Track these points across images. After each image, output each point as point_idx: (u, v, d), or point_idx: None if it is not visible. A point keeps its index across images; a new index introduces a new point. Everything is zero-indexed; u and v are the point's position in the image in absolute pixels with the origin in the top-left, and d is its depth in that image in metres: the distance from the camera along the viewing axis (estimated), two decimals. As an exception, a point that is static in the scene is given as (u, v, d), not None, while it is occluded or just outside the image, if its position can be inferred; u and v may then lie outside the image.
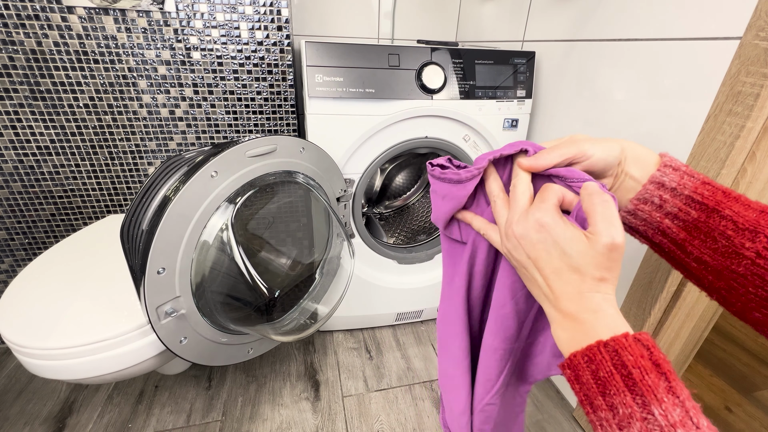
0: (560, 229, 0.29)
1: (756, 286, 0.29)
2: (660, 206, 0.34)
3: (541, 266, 0.30)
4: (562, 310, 0.29)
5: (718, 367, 1.21)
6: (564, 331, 0.29)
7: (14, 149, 0.95)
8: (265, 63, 1.00)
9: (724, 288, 0.31)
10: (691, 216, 0.33)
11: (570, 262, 0.29)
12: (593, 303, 0.28)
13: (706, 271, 0.32)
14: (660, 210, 0.34)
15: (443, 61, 0.92)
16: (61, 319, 0.68)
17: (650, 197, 0.34)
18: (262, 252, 0.95)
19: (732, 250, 0.30)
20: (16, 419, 0.94)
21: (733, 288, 0.31)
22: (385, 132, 0.94)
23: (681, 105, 0.67)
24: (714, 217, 0.32)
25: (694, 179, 0.33)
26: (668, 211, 0.34)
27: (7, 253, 1.06)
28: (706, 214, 0.32)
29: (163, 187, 0.70)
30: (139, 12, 0.89)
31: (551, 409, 1.01)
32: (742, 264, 0.30)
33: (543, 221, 0.30)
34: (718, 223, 0.31)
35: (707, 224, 0.32)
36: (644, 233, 0.36)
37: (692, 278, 0.35)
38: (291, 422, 0.95)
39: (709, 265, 0.32)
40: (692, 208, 0.33)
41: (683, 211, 0.33)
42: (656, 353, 0.25)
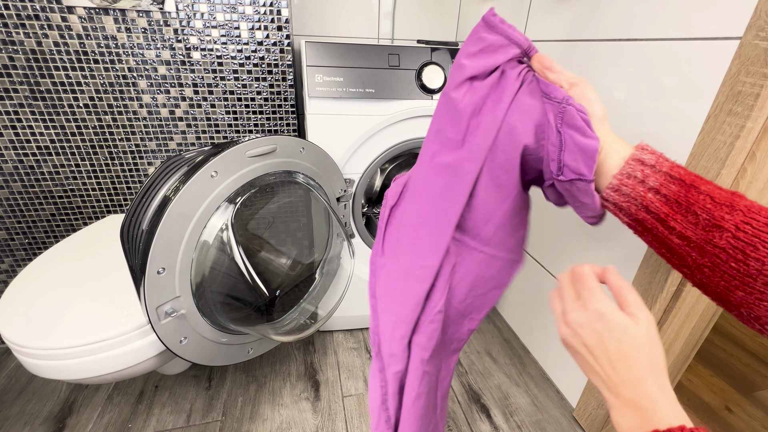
0: (616, 317, 0.31)
1: (738, 261, 0.30)
2: (642, 181, 0.35)
3: (597, 354, 0.31)
4: (621, 397, 0.30)
5: (718, 367, 1.21)
6: (624, 418, 0.29)
7: (14, 149, 0.95)
8: (265, 63, 1.00)
9: (708, 265, 0.32)
10: (672, 190, 0.34)
11: (624, 348, 0.30)
12: (651, 391, 0.29)
13: (689, 247, 0.33)
14: (643, 185, 0.35)
15: (443, 61, 0.92)
16: (61, 319, 0.68)
17: (633, 172, 0.36)
18: (262, 252, 0.95)
19: (713, 223, 0.32)
20: (16, 419, 0.94)
21: (717, 264, 0.32)
22: (385, 132, 0.94)
23: (681, 105, 0.67)
24: (692, 192, 0.33)
25: (669, 161, 0.36)
26: (651, 185, 0.35)
27: (7, 253, 1.06)
28: (686, 189, 0.33)
29: (163, 187, 0.70)
30: (139, 12, 0.89)
31: (551, 409, 1.01)
32: (723, 237, 0.31)
33: (601, 310, 0.31)
34: (697, 197, 0.33)
35: (687, 198, 0.33)
36: (628, 210, 0.37)
37: (675, 258, 0.36)
38: (291, 422, 0.95)
39: (692, 241, 0.33)
40: (672, 183, 0.34)
41: (664, 186, 0.34)
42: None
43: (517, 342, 1.23)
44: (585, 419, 0.95)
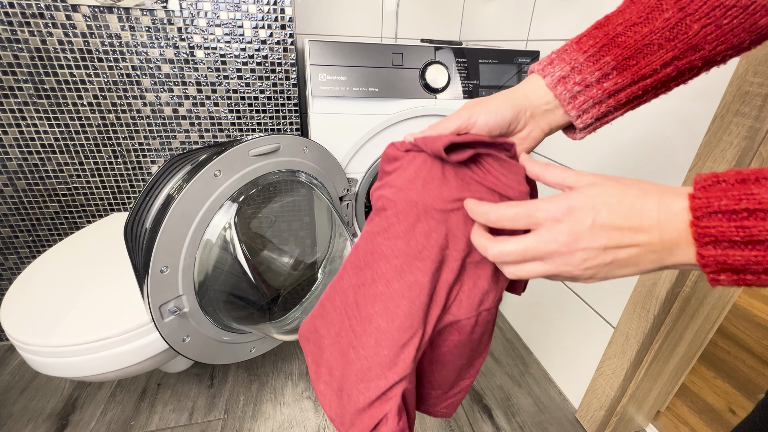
0: (581, 201, 0.26)
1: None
2: (586, 85, 0.34)
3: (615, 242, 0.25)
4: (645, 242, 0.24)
5: (722, 369, 1.20)
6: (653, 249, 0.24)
7: (18, 147, 0.95)
8: (269, 62, 1.00)
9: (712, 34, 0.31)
10: (609, 63, 0.33)
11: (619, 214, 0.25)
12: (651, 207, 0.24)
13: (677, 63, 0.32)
14: (589, 87, 0.34)
15: (447, 61, 0.91)
16: (64, 317, 0.68)
17: (571, 89, 0.34)
18: (264, 251, 0.95)
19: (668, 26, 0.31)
20: (20, 416, 0.94)
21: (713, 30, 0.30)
22: (388, 131, 0.94)
23: (687, 105, 0.67)
24: (616, 44, 0.32)
25: (575, 49, 0.34)
26: (594, 79, 0.33)
27: (11, 251, 1.06)
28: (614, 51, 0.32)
29: (167, 186, 0.70)
30: (143, 10, 0.89)
31: (553, 410, 1.01)
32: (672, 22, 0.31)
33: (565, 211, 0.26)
34: (634, 36, 0.32)
35: (629, 63, 0.32)
36: (605, 113, 0.36)
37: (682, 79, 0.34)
38: (293, 421, 0.95)
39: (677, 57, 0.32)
40: (601, 58, 0.33)
41: (601, 68, 0.33)
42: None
43: (520, 342, 1.22)
44: (587, 420, 0.94)
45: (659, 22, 0.31)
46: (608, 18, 0.34)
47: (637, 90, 0.33)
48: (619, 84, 0.33)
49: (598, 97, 0.34)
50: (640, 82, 0.33)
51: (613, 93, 0.34)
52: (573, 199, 0.26)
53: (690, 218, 0.22)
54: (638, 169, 0.77)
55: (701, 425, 1.01)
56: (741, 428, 0.42)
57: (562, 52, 0.35)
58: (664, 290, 0.73)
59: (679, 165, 0.69)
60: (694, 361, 0.94)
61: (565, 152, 0.96)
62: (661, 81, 0.33)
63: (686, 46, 0.31)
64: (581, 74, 0.34)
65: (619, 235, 0.25)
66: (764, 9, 0.29)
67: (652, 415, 1.00)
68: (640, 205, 0.24)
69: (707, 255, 0.22)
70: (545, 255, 0.27)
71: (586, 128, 0.37)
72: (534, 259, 0.27)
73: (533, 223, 0.27)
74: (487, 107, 0.36)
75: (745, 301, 1.55)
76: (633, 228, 0.24)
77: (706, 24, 0.30)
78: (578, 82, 0.34)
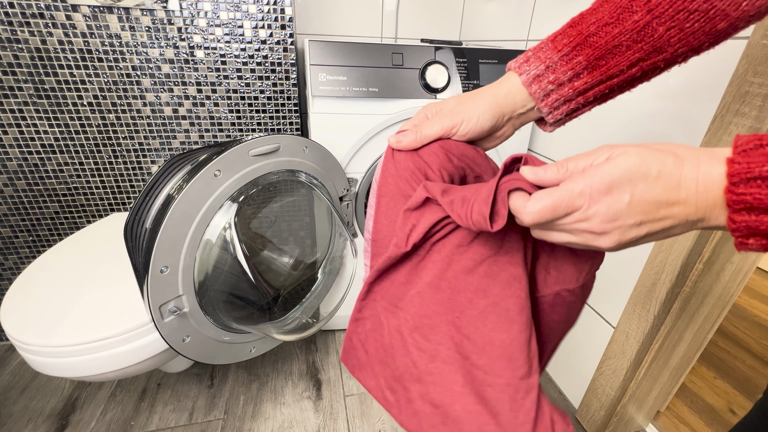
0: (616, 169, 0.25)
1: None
2: (559, 84, 0.35)
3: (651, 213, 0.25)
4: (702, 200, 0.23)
5: (722, 369, 1.20)
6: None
7: (18, 147, 0.95)
8: (269, 62, 1.00)
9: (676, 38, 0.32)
10: (580, 63, 0.34)
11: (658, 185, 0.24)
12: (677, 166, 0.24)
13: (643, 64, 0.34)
14: (561, 86, 0.35)
15: (447, 61, 0.91)
16: (64, 317, 0.68)
17: (545, 88, 0.36)
18: (264, 251, 0.95)
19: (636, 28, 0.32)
20: (20, 416, 0.94)
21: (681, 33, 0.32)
22: (388, 131, 0.94)
23: (687, 105, 0.67)
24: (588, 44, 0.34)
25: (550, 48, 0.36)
26: (566, 79, 0.35)
27: (11, 251, 1.06)
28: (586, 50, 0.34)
29: (167, 186, 0.70)
30: (143, 10, 0.89)
31: (553, 410, 1.00)
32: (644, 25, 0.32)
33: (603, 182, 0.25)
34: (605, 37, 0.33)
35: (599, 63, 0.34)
36: (574, 110, 0.37)
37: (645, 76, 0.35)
38: (293, 421, 0.96)
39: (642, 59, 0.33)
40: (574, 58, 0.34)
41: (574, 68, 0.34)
42: None
43: (520, 342, 1.22)
44: (587, 420, 0.94)
45: (629, 23, 0.32)
46: (582, 16, 0.35)
47: (604, 89, 0.35)
48: (588, 83, 0.35)
49: (569, 96, 0.36)
50: (607, 82, 0.35)
51: (583, 92, 0.35)
52: (609, 174, 0.25)
53: (726, 184, 0.22)
54: (638, 169, 0.77)
55: (701, 425, 1.01)
56: (739, 428, 0.42)
57: (537, 50, 0.37)
58: (664, 290, 0.73)
59: (679, 165, 0.69)
60: (694, 361, 0.94)
61: (566, 152, 0.96)
62: (626, 80, 0.35)
63: (651, 48, 0.33)
64: (555, 73, 0.35)
65: (656, 209, 0.24)
66: (723, 14, 0.31)
67: (652, 415, 1.00)
68: (678, 174, 0.23)
69: (739, 220, 0.22)
70: (578, 231, 0.27)
71: (556, 123, 0.39)
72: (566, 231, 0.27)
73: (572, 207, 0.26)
74: (470, 115, 0.38)
75: (745, 301, 1.55)
76: (671, 201, 0.24)
77: (670, 27, 0.32)
78: (552, 81, 0.35)
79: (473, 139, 0.39)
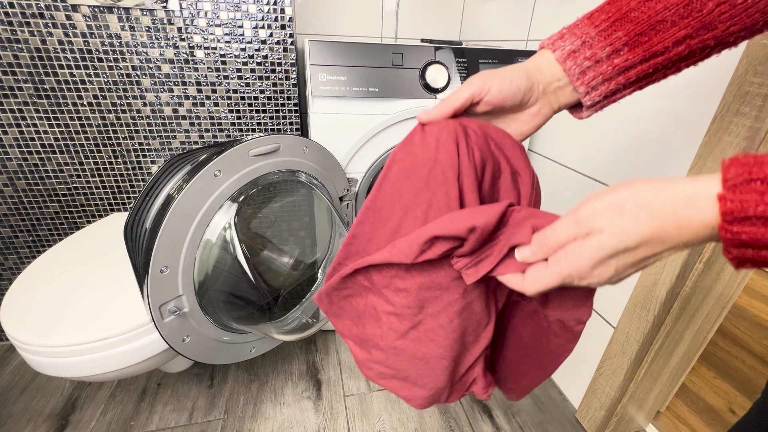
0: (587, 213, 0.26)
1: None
2: (597, 60, 0.33)
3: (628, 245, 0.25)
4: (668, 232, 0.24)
5: (722, 369, 1.20)
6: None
7: (18, 147, 0.95)
8: (269, 62, 0.99)
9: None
10: (620, 39, 0.32)
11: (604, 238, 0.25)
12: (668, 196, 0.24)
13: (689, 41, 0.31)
14: (599, 63, 0.33)
15: (447, 61, 0.91)
16: (64, 317, 0.68)
17: (581, 64, 0.33)
18: (264, 251, 0.95)
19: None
20: (20, 416, 0.94)
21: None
22: (388, 131, 0.94)
23: (687, 105, 0.67)
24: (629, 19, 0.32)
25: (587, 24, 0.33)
26: (604, 55, 0.33)
27: (11, 251, 1.06)
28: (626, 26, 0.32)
29: (167, 186, 0.70)
30: (143, 10, 0.89)
31: (554, 410, 1.00)
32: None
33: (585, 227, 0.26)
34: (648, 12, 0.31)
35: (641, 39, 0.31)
36: (614, 91, 0.35)
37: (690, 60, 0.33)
38: (293, 421, 0.95)
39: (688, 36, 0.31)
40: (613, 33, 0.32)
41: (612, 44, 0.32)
42: None
43: (520, 342, 1.22)
44: (587, 421, 0.94)
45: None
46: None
47: (647, 68, 0.33)
48: (629, 61, 0.32)
49: (608, 74, 0.33)
50: (650, 60, 0.32)
51: (624, 70, 0.33)
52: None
53: (720, 221, 0.21)
54: (638, 169, 0.77)
55: (701, 425, 1.01)
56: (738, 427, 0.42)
57: (573, 27, 0.34)
58: (664, 290, 0.73)
59: (680, 165, 0.69)
60: (694, 361, 0.94)
61: (567, 152, 0.96)
62: (671, 60, 0.32)
63: (700, 24, 0.30)
64: (591, 49, 0.33)
65: (642, 261, 0.25)
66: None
67: (652, 415, 1.00)
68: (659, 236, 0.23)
69: (736, 252, 0.22)
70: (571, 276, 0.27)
71: (594, 106, 0.36)
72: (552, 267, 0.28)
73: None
74: (501, 75, 0.34)
75: (745, 301, 1.55)
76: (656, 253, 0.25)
77: (720, 2, 0.30)
78: (588, 57, 0.33)
79: (507, 102, 0.35)
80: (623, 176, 0.80)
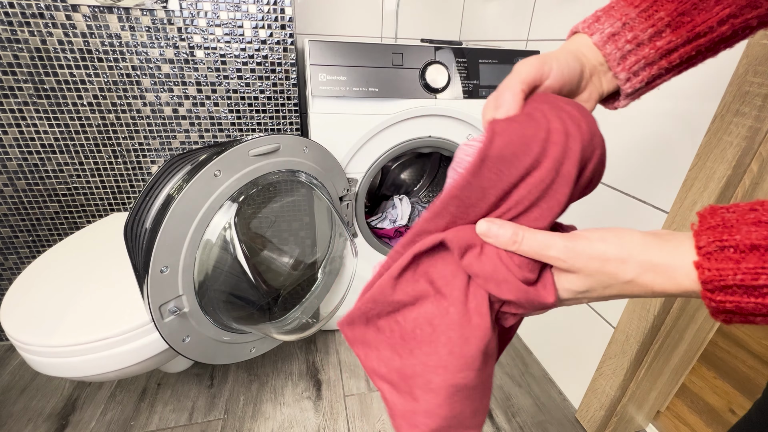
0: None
1: None
2: (639, 43, 0.30)
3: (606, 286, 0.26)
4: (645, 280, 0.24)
5: (722, 369, 1.20)
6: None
7: (18, 147, 0.95)
8: (269, 62, 0.99)
9: None
10: (662, 20, 0.30)
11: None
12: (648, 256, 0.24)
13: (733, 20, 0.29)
14: (641, 46, 0.31)
15: (447, 61, 0.91)
16: (64, 317, 0.68)
17: (622, 48, 0.31)
18: (264, 251, 0.95)
19: None
20: (20, 416, 0.94)
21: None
22: (388, 131, 0.94)
23: (687, 105, 0.67)
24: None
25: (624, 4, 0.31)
26: (646, 37, 0.30)
27: (11, 251, 1.06)
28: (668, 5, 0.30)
29: (167, 186, 0.70)
30: (143, 10, 0.89)
31: (553, 410, 1.00)
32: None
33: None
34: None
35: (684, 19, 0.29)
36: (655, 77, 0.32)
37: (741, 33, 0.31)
38: (293, 421, 0.95)
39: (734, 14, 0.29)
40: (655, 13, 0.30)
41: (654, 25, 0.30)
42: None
43: (520, 342, 1.22)
44: (587, 420, 0.94)
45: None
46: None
47: (690, 50, 0.30)
48: (672, 43, 0.30)
49: (651, 58, 0.31)
50: (694, 42, 0.30)
51: (666, 53, 0.31)
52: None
53: (701, 289, 0.21)
54: (639, 169, 0.77)
55: (701, 425, 1.01)
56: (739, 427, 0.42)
57: (608, 8, 0.32)
58: (664, 290, 0.73)
59: (680, 164, 0.69)
60: (694, 361, 0.94)
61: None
62: (714, 41, 0.30)
63: (745, 2, 0.29)
64: (633, 31, 0.30)
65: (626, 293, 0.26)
66: None
67: (652, 415, 1.00)
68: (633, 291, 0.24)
69: (723, 317, 0.22)
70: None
71: (633, 94, 0.33)
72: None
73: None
74: (557, 56, 0.31)
75: (745, 301, 1.55)
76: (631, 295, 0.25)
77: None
78: (630, 40, 0.31)
79: (566, 86, 0.32)
80: (623, 176, 0.80)
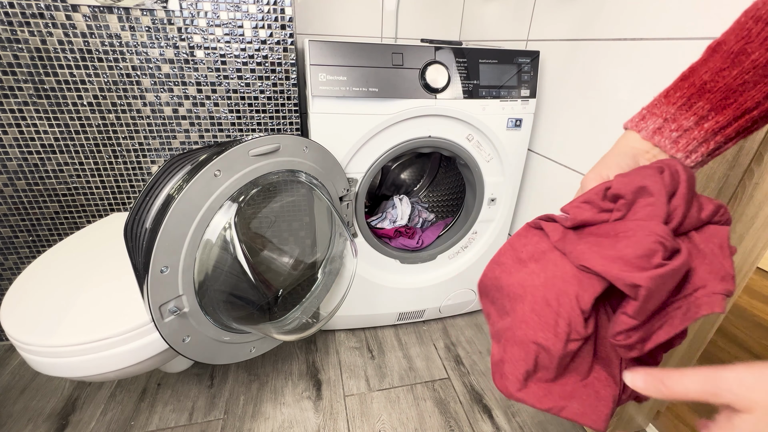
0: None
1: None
2: (685, 129, 0.34)
3: None
4: None
5: (721, 369, 1.20)
6: None
7: (18, 147, 0.95)
8: (269, 62, 1.00)
9: None
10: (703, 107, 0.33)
11: None
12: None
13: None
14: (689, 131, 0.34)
15: (447, 61, 0.91)
16: (64, 317, 0.68)
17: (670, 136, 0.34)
18: (264, 251, 0.95)
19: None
20: (20, 416, 0.94)
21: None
22: (388, 131, 0.94)
23: (687, 105, 0.67)
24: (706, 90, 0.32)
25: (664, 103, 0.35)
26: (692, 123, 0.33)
27: (11, 251, 1.06)
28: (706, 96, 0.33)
29: (167, 186, 0.70)
30: (143, 10, 0.89)
31: (553, 410, 1.00)
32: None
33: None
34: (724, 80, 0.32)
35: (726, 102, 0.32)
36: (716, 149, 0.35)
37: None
38: (293, 421, 0.95)
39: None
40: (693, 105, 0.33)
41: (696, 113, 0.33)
42: None
43: (520, 342, 1.22)
44: (587, 420, 0.94)
45: (747, 64, 0.31)
46: (692, 69, 0.34)
47: (744, 123, 0.33)
48: (721, 122, 0.33)
49: (702, 137, 0.34)
50: (745, 116, 0.33)
51: (719, 130, 0.33)
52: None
53: None
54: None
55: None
56: None
57: (652, 107, 0.36)
58: (664, 290, 0.73)
59: (679, 165, 0.69)
60: (694, 361, 0.94)
61: (565, 151, 0.96)
62: (765, 112, 0.32)
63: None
64: (676, 122, 0.34)
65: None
66: None
67: (652, 415, 1.00)
68: None
69: None
70: None
71: (698, 164, 0.36)
72: None
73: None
74: (607, 163, 0.37)
75: (745, 301, 1.55)
76: None
77: None
78: (674, 129, 0.34)
79: None
80: (623, 176, 0.80)
